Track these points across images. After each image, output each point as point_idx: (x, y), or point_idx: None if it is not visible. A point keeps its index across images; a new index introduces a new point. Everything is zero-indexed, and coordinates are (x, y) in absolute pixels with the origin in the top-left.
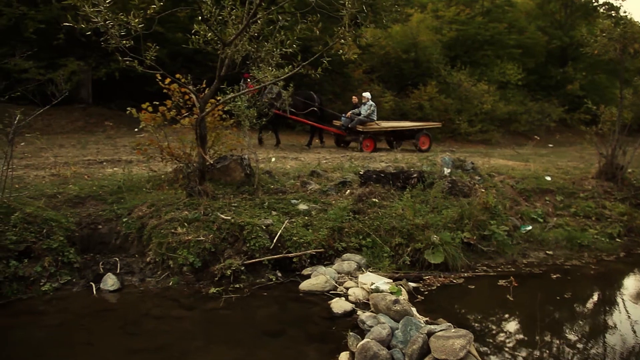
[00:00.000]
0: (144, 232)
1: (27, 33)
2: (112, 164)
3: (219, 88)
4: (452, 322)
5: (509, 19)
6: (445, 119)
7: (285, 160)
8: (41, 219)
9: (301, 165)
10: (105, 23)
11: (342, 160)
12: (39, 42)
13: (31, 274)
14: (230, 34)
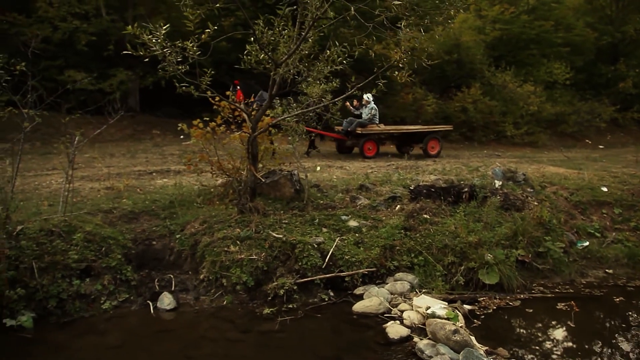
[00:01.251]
0: (197, 249)
1: (79, 45)
2: (161, 175)
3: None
4: (512, 351)
5: (556, 16)
6: (489, 121)
7: (330, 169)
8: (100, 237)
9: (347, 176)
10: (163, 51)
11: (388, 170)
12: (90, 54)
13: (92, 292)
14: (282, 52)
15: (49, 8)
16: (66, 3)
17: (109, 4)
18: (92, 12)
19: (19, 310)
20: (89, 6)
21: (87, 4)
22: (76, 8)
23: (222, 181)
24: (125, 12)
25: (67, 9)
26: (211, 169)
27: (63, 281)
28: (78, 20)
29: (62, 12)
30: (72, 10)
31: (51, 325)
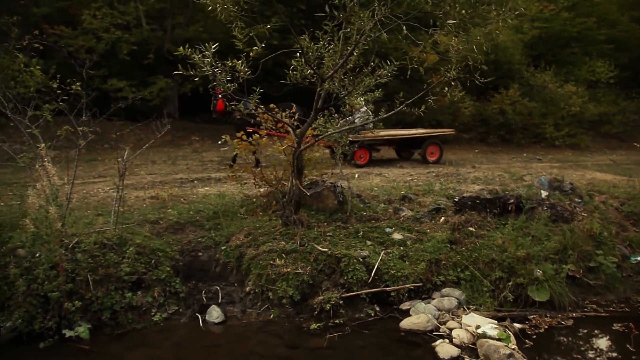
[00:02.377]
0: (243, 262)
1: (121, 55)
2: (202, 183)
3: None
4: None
5: (599, 12)
6: (528, 123)
7: (369, 176)
8: (149, 249)
9: (386, 184)
10: (214, 71)
11: (428, 178)
12: (131, 63)
13: (143, 304)
14: (327, 66)
15: (93, 20)
16: (109, 14)
17: (148, 14)
18: (133, 22)
19: (76, 321)
20: (130, 17)
21: (128, 14)
22: (118, 19)
23: (263, 191)
24: (164, 21)
25: (110, 20)
26: (254, 180)
27: (116, 293)
28: (120, 31)
29: (105, 23)
30: (115, 21)
31: (106, 336)
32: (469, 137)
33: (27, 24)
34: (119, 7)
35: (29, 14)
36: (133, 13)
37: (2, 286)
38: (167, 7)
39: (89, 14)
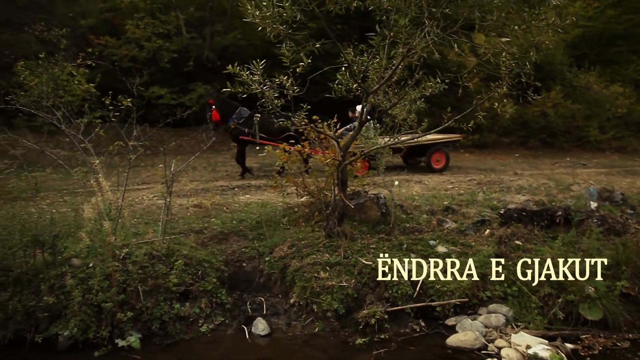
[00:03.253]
0: (287, 273)
1: (162, 63)
2: (243, 191)
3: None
4: None
5: None
6: (571, 126)
7: (408, 184)
8: (196, 260)
9: (427, 192)
10: (262, 88)
11: (469, 186)
12: (172, 70)
13: (190, 314)
14: (372, 78)
15: (136, 30)
16: (151, 24)
17: (188, 22)
18: (173, 31)
19: (127, 331)
20: (171, 26)
21: (169, 24)
22: (160, 28)
23: (305, 200)
24: (203, 29)
25: (152, 29)
26: (296, 190)
27: (165, 304)
28: (161, 40)
29: (147, 33)
30: (156, 30)
31: (156, 347)
32: (508, 141)
33: (74, 35)
34: (161, 17)
35: (77, 26)
36: (174, 22)
37: (59, 295)
38: (207, 16)
39: (132, 24)
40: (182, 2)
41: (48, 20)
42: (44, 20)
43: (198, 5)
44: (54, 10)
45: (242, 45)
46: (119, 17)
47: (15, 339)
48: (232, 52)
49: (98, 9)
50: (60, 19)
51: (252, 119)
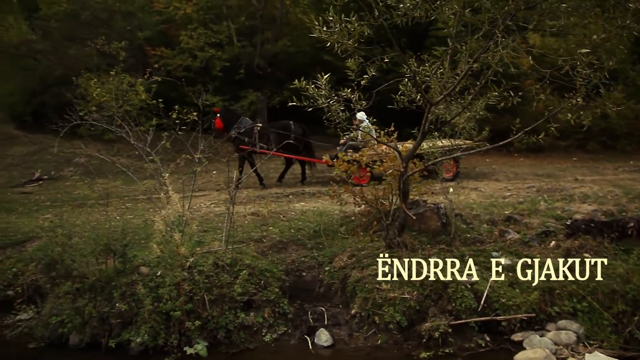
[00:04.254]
0: (347, 284)
1: (214, 71)
2: (297, 198)
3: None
4: None
5: None
6: (635, 128)
7: (463, 190)
8: (258, 270)
9: (485, 199)
10: (328, 103)
11: (528, 194)
12: (224, 79)
13: (254, 324)
14: (435, 90)
15: (189, 40)
16: (203, 34)
17: (239, 31)
18: (225, 40)
19: (194, 339)
20: (223, 35)
21: (221, 33)
22: (212, 38)
23: (362, 209)
24: (253, 38)
25: (205, 39)
26: (354, 199)
27: (230, 313)
28: (213, 49)
29: (200, 42)
30: (209, 40)
31: (222, 355)
32: (566, 144)
33: (132, 47)
34: (213, 27)
35: (134, 38)
36: (225, 31)
37: (131, 302)
38: (257, 24)
39: (186, 34)
40: (233, 12)
41: (108, 34)
42: (104, 35)
43: (248, 14)
44: (113, 25)
45: (291, 52)
46: (173, 28)
47: (91, 343)
48: (281, 59)
49: (154, 21)
50: (119, 32)
51: (253, 129)
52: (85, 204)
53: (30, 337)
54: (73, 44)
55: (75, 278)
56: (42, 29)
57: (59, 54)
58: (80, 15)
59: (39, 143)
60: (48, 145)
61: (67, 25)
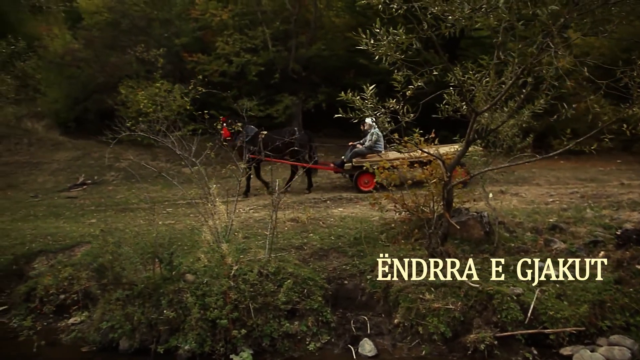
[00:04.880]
0: (390, 293)
1: (250, 76)
2: (335, 204)
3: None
4: None
5: None
6: None
7: (503, 196)
8: (301, 278)
9: (526, 205)
10: (375, 115)
11: (572, 200)
12: (259, 83)
13: (297, 332)
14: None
15: (225, 46)
16: (239, 40)
17: (274, 36)
18: (260, 45)
19: (240, 347)
20: (258, 40)
21: (256, 38)
22: (247, 43)
23: (402, 216)
24: (288, 42)
25: (240, 44)
26: (394, 207)
27: (274, 321)
28: (249, 54)
29: (236, 48)
30: (244, 46)
31: None
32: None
33: (170, 54)
34: (248, 32)
35: (172, 45)
36: (260, 37)
37: (178, 310)
38: (291, 29)
39: (222, 40)
40: (268, 17)
41: (147, 42)
42: (143, 42)
43: (283, 18)
44: (151, 32)
45: (325, 56)
46: (209, 34)
47: (140, 349)
48: (315, 62)
49: (190, 28)
50: (157, 39)
51: (257, 136)
52: (128, 209)
53: (83, 341)
54: (114, 52)
55: (124, 285)
56: (85, 38)
57: (101, 62)
58: (121, 24)
59: (82, 148)
60: (91, 150)
61: (108, 34)
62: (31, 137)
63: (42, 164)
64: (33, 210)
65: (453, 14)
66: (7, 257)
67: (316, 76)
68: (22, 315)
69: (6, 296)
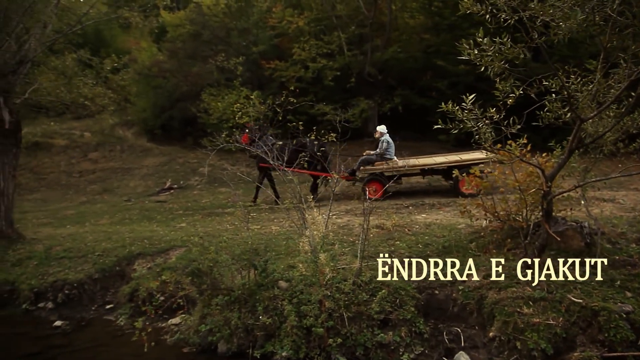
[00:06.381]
0: (484, 305)
1: (326, 81)
2: (417, 209)
3: (567, 160)
4: None
5: None
6: None
7: (598, 203)
8: (393, 287)
9: (625, 212)
10: (478, 126)
11: None
12: (335, 88)
13: (391, 342)
14: (584, 104)
15: (301, 52)
16: (315, 45)
17: (349, 40)
18: (335, 50)
19: (334, 355)
20: (333, 45)
21: (332, 43)
22: (323, 49)
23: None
24: (363, 46)
25: (316, 50)
26: (485, 215)
27: (367, 331)
28: (325, 59)
29: (312, 54)
30: (320, 51)
31: None
32: None
33: (248, 61)
34: (324, 38)
35: (250, 53)
36: (336, 41)
37: (273, 316)
38: (367, 32)
39: (298, 47)
40: (343, 22)
41: (226, 51)
42: (223, 51)
43: (358, 22)
44: (230, 41)
45: (401, 58)
46: (285, 41)
47: (238, 352)
48: (391, 65)
49: (267, 36)
50: (236, 48)
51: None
52: (214, 213)
53: (184, 342)
54: (196, 62)
55: (222, 290)
56: (170, 50)
57: (184, 71)
58: (202, 35)
59: (167, 154)
60: (176, 156)
61: (191, 45)
62: (123, 144)
63: (133, 170)
64: (128, 214)
65: (565, 21)
66: (111, 258)
67: (392, 79)
68: (127, 314)
69: (111, 295)
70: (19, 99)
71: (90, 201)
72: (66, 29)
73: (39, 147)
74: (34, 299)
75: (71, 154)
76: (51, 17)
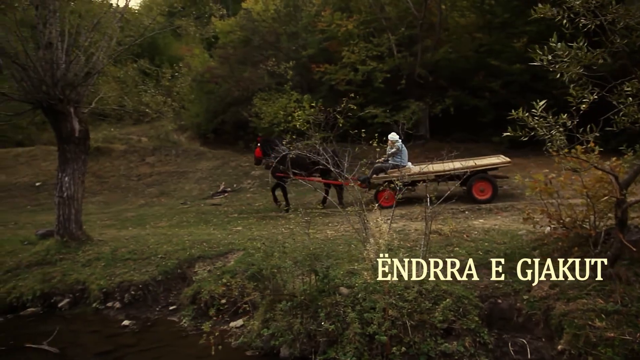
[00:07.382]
0: (551, 316)
1: (376, 83)
2: (474, 214)
3: None
4: None
5: None
6: None
7: None
8: (455, 296)
9: None
10: (550, 133)
11: None
12: (385, 90)
13: (454, 352)
14: None
15: (351, 55)
16: (364, 48)
17: (399, 42)
18: (385, 52)
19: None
20: (383, 47)
21: (381, 45)
22: (373, 51)
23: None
24: (413, 47)
25: (366, 52)
26: (549, 222)
27: (431, 340)
28: (374, 62)
29: (362, 56)
30: (370, 54)
31: None
32: None
33: (298, 65)
34: (374, 40)
35: (299, 57)
36: (386, 43)
37: (335, 322)
38: (416, 33)
39: (348, 49)
40: (392, 23)
41: (276, 55)
42: (273, 56)
43: (407, 23)
44: (280, 46)
45: (452, 59)
46: (335, 44)
47: (300, 357)
48: (442, 66)
49: (317, 39)
50: (286, 52)
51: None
52: (268, 216)
53: (247, 345)
54: (247, 67)
55: (285, 296)
56: (221, 56)
57: (235, 77)
58: (252, 41)
59: (220, 158)
60: (228, 159)
61: (241, 50)
62: (177, 149)
63: (188, 173)
64: (185, 217)
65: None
66: (172, 261)
67: (443, 80)
68: (190, 316)
69: (174, 297)
70: (86, 108)
71: (149, 204)
72: (130, 41)
73: (100, 152)
74: (103, 298)
75: (130, 158)
76: (116, 31)
